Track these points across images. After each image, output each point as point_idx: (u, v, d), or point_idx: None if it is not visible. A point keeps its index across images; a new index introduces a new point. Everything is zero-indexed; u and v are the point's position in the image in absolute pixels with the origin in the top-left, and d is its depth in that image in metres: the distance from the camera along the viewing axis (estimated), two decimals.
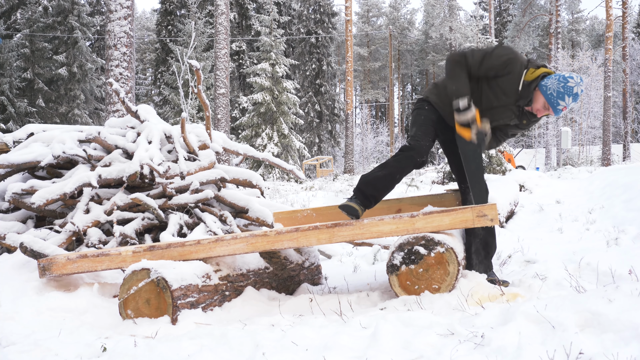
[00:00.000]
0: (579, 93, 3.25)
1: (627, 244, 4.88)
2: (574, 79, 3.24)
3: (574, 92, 3.23)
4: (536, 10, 37.69)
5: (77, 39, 29.75)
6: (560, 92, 3.24)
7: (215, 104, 15.33)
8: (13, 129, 25.26)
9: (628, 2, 26.98)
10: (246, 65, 34.59)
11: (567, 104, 3.26)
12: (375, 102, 57.35)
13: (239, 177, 4.64)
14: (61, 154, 4.14)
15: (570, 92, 3.23)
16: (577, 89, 3.23)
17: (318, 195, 12.72)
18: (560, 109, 3.28)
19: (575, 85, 3.23)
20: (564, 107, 3.27)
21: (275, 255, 3.93)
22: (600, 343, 2.07)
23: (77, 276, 3.59)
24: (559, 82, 3.25)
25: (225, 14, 15.22)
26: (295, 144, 28.40)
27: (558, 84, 3.25)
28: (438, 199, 4.12)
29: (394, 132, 37.13)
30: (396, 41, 54.43)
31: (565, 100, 3.25)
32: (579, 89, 3.24)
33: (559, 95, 3.24)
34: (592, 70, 33.22)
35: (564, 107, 3.28)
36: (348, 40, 26.17)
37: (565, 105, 3.27)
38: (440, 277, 3.21)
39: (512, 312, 2.43)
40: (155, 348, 2.46)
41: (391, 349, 2.33)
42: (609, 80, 25.18)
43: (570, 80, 3.24)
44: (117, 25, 7.95)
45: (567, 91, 3.23)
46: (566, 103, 3.26)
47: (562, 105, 3.26)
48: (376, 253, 5.21)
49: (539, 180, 9.67)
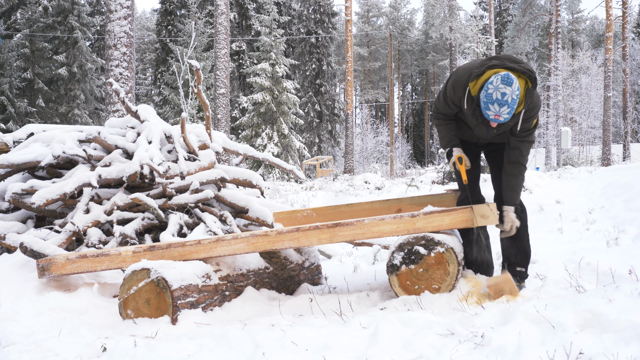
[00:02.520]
0: (505, 95, 2.96)
1: (627, 244, 4.88)
2: (493, 83, 2.99)
3: (494, 97, 2.97)
4: (536, 10, 37.67)
5: (77, 39, 29.73)
6: (484, 102, 3.04)
7: (215, 104, 15.33)
8: (13, 129, 25.25)
9: (628, 2, 26.97)
10: (246, 65, 34.58)
11: (495, 111, 3.00)
12: (375, 102, 57.34)
13: (239, 177, 4.64)
14: (61, 154, 4.14)
15: (491, 99, 2.99)
16: (496, 93, 2.97)
17: (318, 195, 12.73)
18: (494, 117, 3.04)
19: (494, 90, 2.98)
20: (495, 114, 3.02)
21: (275, 255, 3.93)
22: (600, 343, 2.07)
23: (77, 276, 3.59)
24: (483, 91, 3.05)
25: (225, 14, 15.22)
26: (295, 144, 28.40)
27: (483, 93, 3.05)
28: (438, 199, 4.12)
29: (394, 132, 37.10)
30: (396, 41, 54.42)
31: (491, 108, 3.01)
32: (497, 93, 2.96)
33: (485, 106, 3.05)
34: (592, 70, 33.20)
35: (496, 115, 3.02)
36: (348, 40, 26.17)
37: (495, 113, 3.01)
38: (440, 277, 3.21)
39: (512, 312, 2.43)
40: (155, 348, 2.45)
41: (391, 349, 2.33)
42: (609, 80, 25.17)
43: (490, 87, 3.00)
44: (117, 25, 7.95)
45: (489, 100, 3.01)
46: (494, 110, 3.01)
47: (491, 113, 3.03)
48: (376, 253, 5.21)
49: (539, 180, 9.66)
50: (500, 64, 3.10)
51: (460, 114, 3.44)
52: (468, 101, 3.24)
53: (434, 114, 3.57)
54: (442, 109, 3.48)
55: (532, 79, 3.11)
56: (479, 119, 3.22)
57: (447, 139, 3.50)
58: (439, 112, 3.52)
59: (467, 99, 3.24)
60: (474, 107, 3.21)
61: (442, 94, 3.45)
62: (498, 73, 3.03)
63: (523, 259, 3.46)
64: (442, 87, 3.47)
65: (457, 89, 3.29)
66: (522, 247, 3.47)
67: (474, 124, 3.31)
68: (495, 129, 3.22)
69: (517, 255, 3.46)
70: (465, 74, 3.25)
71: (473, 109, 3.23)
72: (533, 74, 3.12)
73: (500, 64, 3.10)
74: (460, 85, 3.27)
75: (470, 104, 3.23)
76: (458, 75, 3.32)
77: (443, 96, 3.43)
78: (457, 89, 3.29)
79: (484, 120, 3.20)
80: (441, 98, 3.46)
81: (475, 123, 3.29)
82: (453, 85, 3.31)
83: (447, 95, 3.39)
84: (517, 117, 3.19)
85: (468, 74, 3.23)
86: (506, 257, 3.51)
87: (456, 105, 3.38)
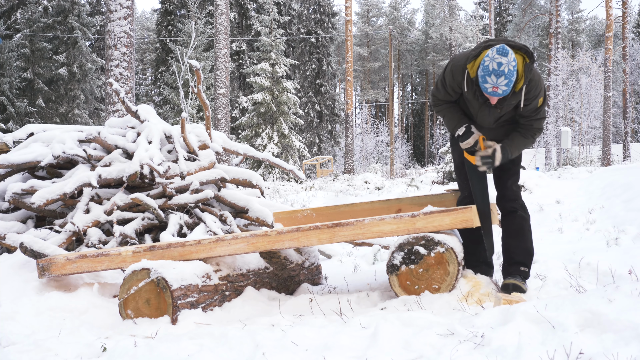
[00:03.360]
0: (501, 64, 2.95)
1: (627, 244, 4.88)
2: (489, 55, 2.99)
3: (491, 68, 2.97)
4: (536, 10, 37.69)
5: (77, 39, 29.74)
6: (482, 75, 3.04)
7: (215, 104, 15.33)
8: (13, 129, 25.24)
9: (628, 2, 26.96)
10: (246, 65, 34.58)
11: (493, 82, 2.99)
12: (375, 102, 57.34)
13: (239, 177, 4.64)
14: (61, 154, 4.14)
15: (488, 71, 2.98)
16: (492, 64, 2.97)
17: (318, 195, 12.73)
18: (492, 90, 3.03)
19: (490, 61, 2.98)
20: (493, 87, 3.01)
21: (275, 255, 3.93)
22: (600, 343, 2.07)
23: (77, 276, 3.59)
24: (480, 65, 3.05)
25: (225, 14, 15.22)
26: (295, 144, 28.41)
27: (480, 67, 3.05)
28: (438, 199, 4.12)
29: (394, 132, 37.09)
30: (396, 41, 54.40)
31: (489, 80, 3.00)
32: (494, 63, 2.96)
33: (483, 79, 3.04)
34: (592, 70, 33.20)
35: (495, 87, 3.01)
36: (348, 40, 26.16)
37: (493, 85, 3.00)
38: (440, 277, 3.21)
39: (512, 312, 2.43)
40: (155, 348, 2.45)
41: (391, 349, 2.33)
42: (609, 80, 25.16)
43: (486, 59, 3.01)
44: (117, 25, 7.95)
45: (485, 72, 3.00)
46: (492, 82, 3.00)
47: (489, 87, 3.02)
48: (376, 253, 5.21)
49: (539, 180, 9.67)
50: (495, 43, 3.12)
51: (462, 103, 3.41)
52: (468, 84, 3.23)
53: (434, 102, 3.53)
54: (442, 97, 3.45)
55: (528, 54, 3.11)
56: (479, 99, 3.21)
57: (456, 119, 3.42)
58: (438, 100, 3.48)
59: (467, 81, 3.23)
60: (474, 89, 3.20)
61: (441, 82, 3.42)
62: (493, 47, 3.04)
63: (527, 258, 3.45)
64: (440, 76, 3.44)
65: (456, 74, 3.28)
66: (526, 247, 3.46)
67: (476, 108, 3.30)
68: (498, 108, 3.20)
69: (522, 254, 3.44)
70: (463, 58, 3.26)
71: (474, 91, 3.21)
72: (529, 50, 3.12)
73: (495, 43, 3.12)
74: (458, 70, 3.26)
75: (470, 86, 3.22)
76: (455, 60, 3.32)
77: (442, 84, 3.41)
78: (456, 74, 3.28)
79: (485, 101, 3.19)
80: (440, 87, 3.43)
81: (478, 107, 3.28)
82: (452, 71, 3.30)
83: (446, 83, 3.37)
84: (518, 95, 3.15)
85: (465, 58, 3.24)
86: (509, 257, 3.48)
87: (456, 92, 3.36)
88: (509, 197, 3.48)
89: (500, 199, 3.52)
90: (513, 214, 3.47)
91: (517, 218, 3.46)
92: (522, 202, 3.50)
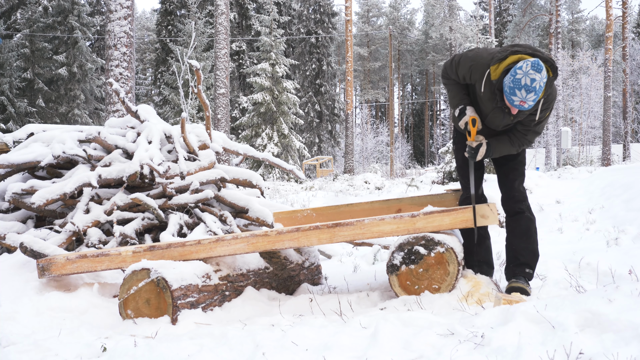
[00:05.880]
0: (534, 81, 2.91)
1: (627, 244, 4.88)
2: (523, 69, 2.93)
3: (523, 83, 2.92)
4: (536, 10, 37.70)
5: (77, 39, 29.74)
6: (510, 87, 2.98)
7: (215, 104, 15.33)
8: (13, 129, 25.26)
9: (628, 2, 26.95)
10: (246, 65, 34.58)
11: (521, 97, 2.96)
12: (375, 102, 57.33)
13: (239, 177, 4.64)
14: (61, 154, 4.14)
15: (519, 85, 2.93)
16: (525, 79, 2.91)
17: (318, 195, 12.72)
18: (519, 104, 3.00)
19: (524, 75, 2.92)
20: (520, 101, 2.98)
21: (275, 255, 3.93)
22: (600, 343, 2.07)
23: (77, 276, 3.59)
24: (510, 75, 2.99)
25: (225, 14, 15.22)
26: (295, 144, 28.40)
27: (509, 78, 2.99)
28: (438, 199, 4.12)
29: (394, 132, 37.08)
30: (396, 41, 54.40)
31: (518, 94, 2.96)
32: (527, 78, 2.91)
33: (511, 91, 2.98)
34: (592, 70, 33.20)
35: (522, 102, 2.98)
36: (348, 40, 26.16)
37: (521, 99, 2.97)
38: (440, 277, 3.21)
39: (512, 312, 2.43)
40: (155, 348, 2.45)
41: (391, 349, 2.33)
42: (609, 80, 25.16)
43: (519, 72, 2.94)
44: (117, 25, 7.95)
45: (516, 85, 2.95)
46: (520, 97, 2.96)
47: (516, 100, 2.99)
48: (376, 253, 5.21)
49: (539, 180, 9.66)
50: (523, 51, 3.07)
51: (472, 96, 3.36)
52: (486, 85, 3.18)
53: (443, 74, 3.46)
54: (452, 76, 3.40)
55: (553, 67, 3.08)
56: (498, 103, 3.16)
57: (458, 97, 3.38)
58: (448, 75, 3.43)
59: (486, 82, 3.17)
60: (493, 91, 3.15)
61: (455, 65, 3.34)
62: (527, 59, 2.98)
63: (532, 260, 3.43)
64: (456, 57, 3.35)
65: (474, 72, 3.23)
66: (533, 248, 3.43)
67: (489, 109, 3.25)
68: (512, 116, 3.17)
69: (528, 256, 3.42)
70: (487, 57, 3.19)
71: (492, 93, 3.16)
72: (555, 64, 3.09)
73: (523, 51, 3.07)
74: (479, 69, 3.20)
75: (488, 87, 3.17)
76: (478, 55, 3.24)
77: (455, 67, 3.34)
78: (474, 72, 3.23)
79: (502, 106, 3.15)
80: (453, 67, 3.36)
81: (491, 108, 3.23)
82: (471, 67, 3.24)
83: (459, 71, 3.31)
84: (536, 106, 3.14)
85: (490, 57, 3.17)
86: (515, 258, 3.44)
87: (466, 83, 3.33)
88: (516, 199, 3.44)
89: (507, 200, 3.48)
90: (520, 215, 3.43)
91: (523, 219, 3.43)
92: (528, 204, 3.48)
